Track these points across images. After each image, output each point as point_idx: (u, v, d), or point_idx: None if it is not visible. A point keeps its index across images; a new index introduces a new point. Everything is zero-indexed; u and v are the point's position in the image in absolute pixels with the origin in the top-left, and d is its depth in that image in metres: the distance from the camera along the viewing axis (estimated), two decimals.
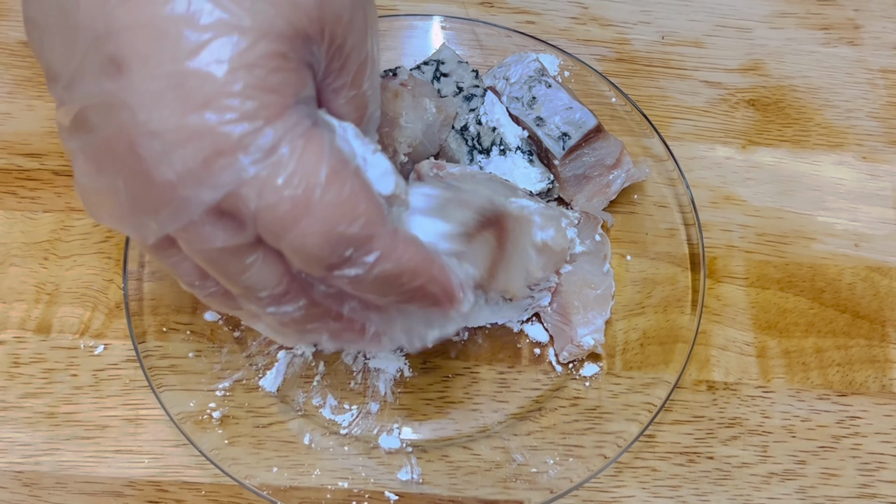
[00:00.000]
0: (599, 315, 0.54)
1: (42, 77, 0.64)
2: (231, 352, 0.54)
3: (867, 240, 0.61)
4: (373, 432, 0.53)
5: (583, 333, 0.53)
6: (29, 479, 0.52)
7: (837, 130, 0.65)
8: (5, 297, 0.57)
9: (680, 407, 0.55)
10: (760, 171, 0.63)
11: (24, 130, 0.62)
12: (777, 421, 0.55)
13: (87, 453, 0.53)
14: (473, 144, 0.57)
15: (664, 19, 0.69)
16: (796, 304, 0.59)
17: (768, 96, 0.66)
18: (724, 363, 0.57)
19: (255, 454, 0.51)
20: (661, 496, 0.53)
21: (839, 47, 0.68)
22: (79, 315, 0.56)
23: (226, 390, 0.53)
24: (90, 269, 0.58)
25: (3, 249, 0.58)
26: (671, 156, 0.59)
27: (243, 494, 0.52)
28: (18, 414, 0.53)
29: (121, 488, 0.52)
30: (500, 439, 0.53)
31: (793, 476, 0.54)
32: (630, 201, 0.60)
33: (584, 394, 0.54)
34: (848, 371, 0.57)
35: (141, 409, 0.54)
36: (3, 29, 0.66)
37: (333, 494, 0.50)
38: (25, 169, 0.61)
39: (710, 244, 0.60)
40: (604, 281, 0.54)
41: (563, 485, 0.50)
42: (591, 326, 0.53)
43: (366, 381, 0.54)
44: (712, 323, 0.58)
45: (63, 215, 0.59)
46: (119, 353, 0.55)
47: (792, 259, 0.60)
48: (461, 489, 0.51)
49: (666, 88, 0.66)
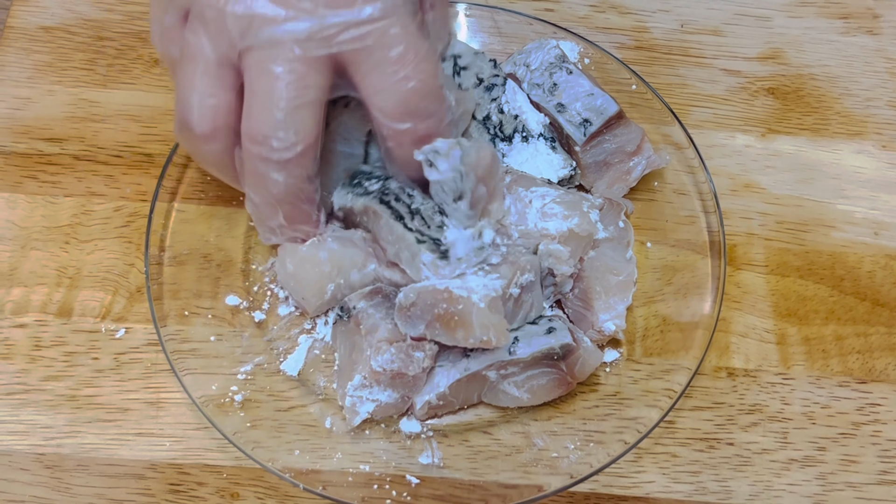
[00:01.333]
0: (621, 301, 0.54)
1: (62, 62, 0.64)
2: (252, 336, 0.55)
3: (887, 228, 0.61)
4: (393, 416, 0.53)
5: (604, 319, 0.53)
6: (51, 461, 0.52)
7: (857, 119, 0.65)
8: (27, 281, 0.57)
9: (700, 393, 0.55)
10: (780, 160, 0.63)
11: (44, 115, 0.62)
12: (797, 408, 0.55)
13: (109, 436, 0.53)
14: (496, 132, 0.57)
15: (683, 7, 0.69)
16: (816, 291, 0.59)
17: (788, 85, 0.66)
18: (744, 350, 0.57)
19: (276, 437, 0.51)
20: (681, 482, 0.53)
21: (858, 36, 0.68)
22: (100, 299, 0.56)
23: (247, 374, 0.53)
24: (111, 253, 0.58)
25: (24, 233, 0.58)
26: (692, 143, 0.59)
27: (264, 477, 0.52)
28: (40, 396, 0.54)
29: (142, 471, 0.52)
30: (520, 424, 0.53)
31: (813, 462, 0.54)
32: (650, 188, 0.60)
33: (604, 379, 0.54)
34: (868, 358, 0.57)
35: (162, 392, 0.54)
36: (23, 15, 0.66)
37: (355, 477, 0.50)
38: (46, 153, 0.61)
39: (730, 232, 0.60)
40: (626, 267, 0.54)
41: (583, 470, 0.50)
42: (612, 312, 0.53)
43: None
44: (732, 310, 0.58)
45: (84, 200, 0.59)
46: (140, 336, 0.55)
47: (812, 247, 0.60)
48: (482, 473, 0.51)
49: (685, 76, 0.66)
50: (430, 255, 0.49)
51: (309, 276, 0.52)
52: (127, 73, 0.64)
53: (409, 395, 0.51)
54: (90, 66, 0.64)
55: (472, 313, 0.47)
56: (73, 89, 0.63)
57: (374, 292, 0.52)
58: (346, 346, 0.52)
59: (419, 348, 0.50)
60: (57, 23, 0.66)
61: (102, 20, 0.66)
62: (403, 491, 0.50)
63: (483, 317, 0.47)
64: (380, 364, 0.49)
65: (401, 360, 0.49)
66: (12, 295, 0.56)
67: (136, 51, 0.65)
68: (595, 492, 0.53)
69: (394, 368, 0.49)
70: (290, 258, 0.52)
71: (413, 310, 0.49)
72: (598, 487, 0.53)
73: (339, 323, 0.53)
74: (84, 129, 0.62)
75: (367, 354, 0.49)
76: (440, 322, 0.48)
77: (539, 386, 0.52)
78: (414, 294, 0.49)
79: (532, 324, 0.52)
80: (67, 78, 0.64)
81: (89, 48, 0.65)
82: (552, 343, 0.51)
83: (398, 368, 0.49)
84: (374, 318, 0.51)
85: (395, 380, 0.50)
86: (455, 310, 0.48)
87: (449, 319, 0.48)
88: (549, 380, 0.52)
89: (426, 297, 0.48)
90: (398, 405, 0.51)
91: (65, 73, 0.64)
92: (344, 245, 0.52)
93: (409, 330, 0.50)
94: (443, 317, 0.48)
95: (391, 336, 0.50)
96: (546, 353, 0.51)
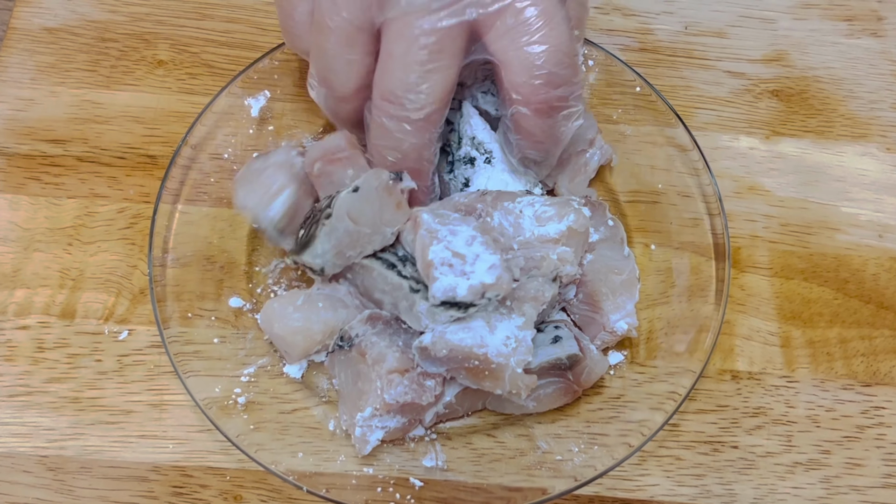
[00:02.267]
0: (629, 299, 0.53)
1: (65, 63, 0.64)
2: (255, 338, 0.54)
3: (891, 230, 0.61)
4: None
5: (615, 319, 0.53)
6: (54, 463, 0.52)
7: (861, 121, 0.65)
8: (30, 283, 0.57)
9: (704, 396, 0.55)
10: (784, 162, 0.63)
11: (47, 116, 0.62)
12: (801, 411, 0.55)
13: (112, 438, 0.53)
14: (455, 157, 0.56)
15: (687, 9, 0.69)
16: (820, 294, 0.59)
17: (792, 87, 0.66)
18: (748, 353, 0.57)
19: (279, 440, 0.51)
20: (685, 485, 0.53)
21: (863, 38, 0.68)
22: (103, 301, 0.56)
23: (250, 376, 0.53)
24: (114, 255, 0.58)
25: (27, 235, 0.58)
26: (696, 146, 0.59)
27: (267, 480, 0.52)
28: (43, 398, 0.54)
29: (145, 473, 0.52)
30: (524, 427, 0.53)
31: (817, 466, 0.54)
32: (654, 191, 0.60)
33: (608, 382, 0.54)
34: (872, 361, 0.57)
35: (165, 394, 0.54)
36: (26, 16, 0.66)
37: (359, 480, 0.50)
38: (49, 155, 0.61)
39: (735, 234, 0.60)
40: (627, 265, 0.54)
41: (587, 473, 0.50)
42: (622, 311, 0.53)
43: None
44: (736, 313, 0.58)
45: (87, 201, 0.59)
46: (143, 338, 0.55)
47: (816, 249, 0.60)
48: (485, 476, 0.51)
49: (689, 78, 0.66)
50: (426, 303, 0.48)
51: (298, 344, 0.51)
52: (130, 74, 0.64)
53: (419, 417, 0.51)
54: (93, 67, 0.64)
55: (505, 373, 0.47)
56: (76, 91, 0.63)
57: (373, 318, 0.51)
58: (348, 374, 0.51)
59: (430, 376, 0.49)
60: (60, 24, 0.66)
61: (106, 21, 0.66)
62: (407, 493, 0.50)
63: (516, 377, 0.47)
64: (393, 397, 0.48)
65: (413, 392, 0.49)
66: (15, 297, 0.56)
67: (139, 52, 0.65)
68: (599, 495, 0.53)
69: (407, 400, 0.49)
70: (277, 322, 0.51)
71: (441, 358, 0.48)
72: (602, 490, 0.53)
73: (339, 352, 0.52)
74: (87, 130, 0.62)
75: (377, 386, 0.49)
76: (467, 371, 0.48)
77: (545, 395, 0.52)
78: (446, 349, 0.47)
79: (538, 331, 0.52)
80: (70, 79, 0.63)
81: (92, 49, 0.65)
82: (559, 353, 0.51)
83: (411, 399, 0.49)
84: (380, 346, 0.49)
85: (405, 407, 0.49)
86: (488, 367, 0.47)
87: (479, 373, 0.47)
88: (556, 388, 0.52)
89: (457, 353, 0.47)
90: (407, 428, 0.51)
91: (68, 75, 0.64)
92: (335, 308, 0.52)
93: (430, 368, 0.49)
94: (472, 370, 0.47)
95: (400, 366, 0.49)
96: (553, 364, 0.50)
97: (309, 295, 0.52)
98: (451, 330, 0.47)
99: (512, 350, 0.47)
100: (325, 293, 0.52)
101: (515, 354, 0.47)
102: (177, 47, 0.65)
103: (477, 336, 0.47)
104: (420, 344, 0.48)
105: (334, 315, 0.51)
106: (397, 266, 0.50)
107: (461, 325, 0.47)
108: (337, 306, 0.52)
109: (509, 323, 0.48)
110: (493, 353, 0.47)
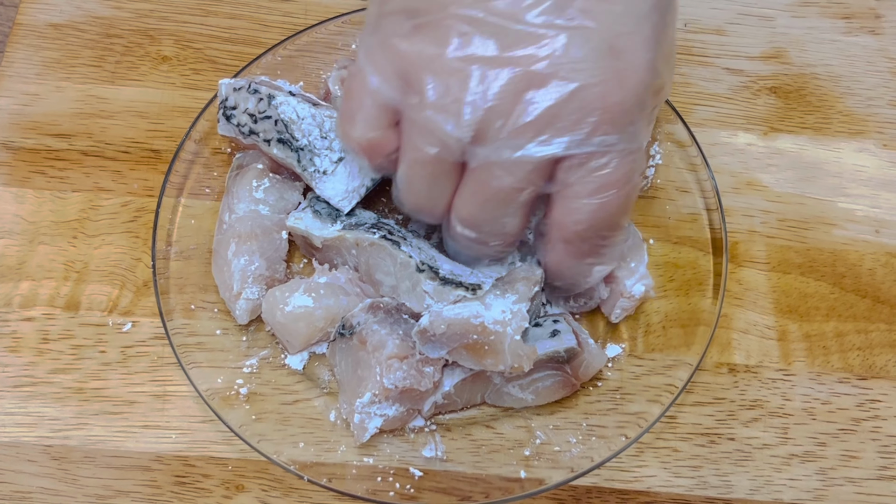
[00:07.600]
0: (640, 262, 0.54)
1: (70, 59, 0.64)
2: (257, 330, 0.55)
3: (888, 226, 0.61)
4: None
5: (631, 284, 0.53)
6: (58, 452, 0.53)
7: (858, 118, 0.65)
8: (34, 275, 0.57)
9: (701, 389, 0.56)
10: (782, 158, 0.64)
11: (52, 111, 0.63)
12: (798, 403, 0.56)
13: (116, 428, 0.53)
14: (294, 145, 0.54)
15: (686, 7, 0.69)
16: (817, 288, 0.59)
17: (790, 84, 0.66)
18: (745, 346, 0.57)
19: (281, 430, 0.52)
20: (682, 476, 0.53)
21: (860, 36, 0.69)
22: (107, 293, 0.57)
23: (252, 367, 0.54)
24: (118, 247, 0.58)
25: (32, 228, 0.59)
26: (694, 141, 0.59)
27: (269, 470, 0.53)
28: (47, 389, 0.54)
29: (148, 463, 0.53)
30: (522, 418, 0.53)
31: (813, 458, 0.54)
32: (653, 186, 0.60)
33: (606, 375, 0.55)
34: (868, 355, 0.57)
35: (168, 385, 0.54)
36: (32, 11, 0.67)
37: (359, 470, 0.51)
38: (54, 149, 0.61)
39: (732, 229, 0.61)
40: (628, 231, 0.54)
41: (584, 464, 0.51)
42: (636, 275, 0.53)
43: None
44: (734, 307, 0.58)
45: (91, 195, 0.60)
46: (147, 330, 0.56)
47: (813, 244, 0.61)
48: (484, 467, 0.52)
49: (688, 75, 0.66)
50: (431, 283, 0.49)
51: (300, 331, 0.52)
52: (135, 69, 0.65)
53: (417, 407, 0.51)
54: (98, 63, 0.65)
55: (504, 343, 0.48)
56: (81, 86, 0.64)
57: (374, 307, 0.52)
58: (348, 361, 0.52)
59: (429, 363, 0.50)
60: (65, 20, 0.66)
61: (111, 17, 0.67)
62: (407, 483, 0.51)
63: (516, 347, 0.48)
64: (392, 382, 0.49)
65: (412, 377, 0.49)
66: (20, 288, 0.57)
67: (143, 48, 0.65)
68: (596, 486, 0.53)
69: (406, 385, 0.49)
70: (279, 310, 0.52)
71: (439, 337, 0.49)
72: (599, 481, 0.53)
73: (340, 339, 0.52)
74: (92, 125, 0.62)
75: (376, 371, 0.49)
76: (468, 350, 0.48)
77: (543, 388, 0.52)
78: (444, 325, 0.48)
79: (536, 325, 0.53)
80: (76, 74, 0.64)
81: (98, 45, 0.65)
82: (557, 347, 0.51)
83: (410, 385, 0.49)
84: (380, 333, 0.50)
85: (404, 394, 0.50)
86: (486, 340, 0.48)
87: (479, 348, 0.48)
88: (554, 382, 0.52)
89: (456, 328, 0.48)
90: (405, 418, 0.52)
91: (73, 70, 0.64)
92: (335, 295, 0.53)
93: (430, 353, 0.49)
94: (472, 346, 0.48)
95: (399, 352, 0.49)
96: (551, 357, 0.51)
97: (310, 283, 0.53)
98: (449, 308, 0.48)
99: (508, 319, 0.48)
100: (325, 281, 0.53)
101: (512, 323, 0.48)
102: (181, 43, 0.66)
103: (473, 310, 0.48)
104: (419, 327, 0.49)
105: (335, 301, 0.52)
106: (400, 245, 0.51)
107: (459, 304, 0.49)
108: (338, 293, 0.52)
109: (504, 301, 0.49)
110: (490, 321, 0.48)
